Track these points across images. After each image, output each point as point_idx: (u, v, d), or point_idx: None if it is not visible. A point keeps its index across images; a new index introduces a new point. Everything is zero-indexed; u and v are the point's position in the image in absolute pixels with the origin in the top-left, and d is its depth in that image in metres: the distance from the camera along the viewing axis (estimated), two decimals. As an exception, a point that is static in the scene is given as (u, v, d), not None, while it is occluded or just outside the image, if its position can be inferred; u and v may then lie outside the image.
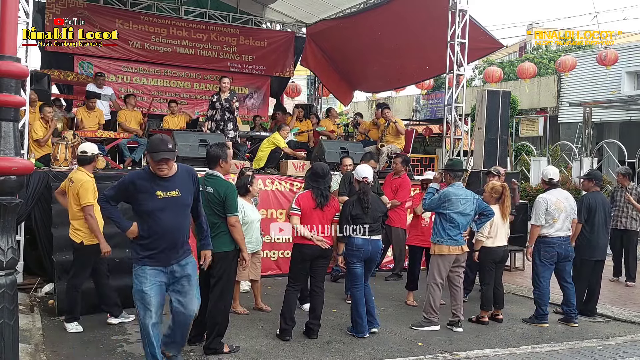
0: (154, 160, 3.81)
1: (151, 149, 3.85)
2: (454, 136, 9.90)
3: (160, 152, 3.79)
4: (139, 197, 3.86)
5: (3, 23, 3.21)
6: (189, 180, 4.00)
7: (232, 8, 13.79)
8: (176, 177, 3.93)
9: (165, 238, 3.88)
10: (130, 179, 3.90)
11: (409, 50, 11.62)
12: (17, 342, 3.33)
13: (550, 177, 6.39)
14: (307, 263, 5.37)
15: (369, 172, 5.68)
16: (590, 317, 6.56)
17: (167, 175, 3.88)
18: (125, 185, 3.91)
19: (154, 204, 3.83)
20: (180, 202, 3.92)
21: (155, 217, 3.84)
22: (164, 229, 3.86)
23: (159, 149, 3.81)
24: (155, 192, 3.82)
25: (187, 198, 3.97)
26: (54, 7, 11.54)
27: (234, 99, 9.20)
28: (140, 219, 3.91)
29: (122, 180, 3.96)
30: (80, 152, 5.63)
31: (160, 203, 3.83)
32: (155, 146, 3.84)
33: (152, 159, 3.82)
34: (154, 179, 3.86)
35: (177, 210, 3.92)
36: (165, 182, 3.87)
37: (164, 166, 3.82)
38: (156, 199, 3.82)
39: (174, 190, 3.89)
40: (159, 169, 3.82)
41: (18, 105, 3.29)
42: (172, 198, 3.87)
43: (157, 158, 3.79)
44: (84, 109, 9.74)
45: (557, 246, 6.17)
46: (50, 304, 6.13)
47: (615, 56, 15.02)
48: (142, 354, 4.81)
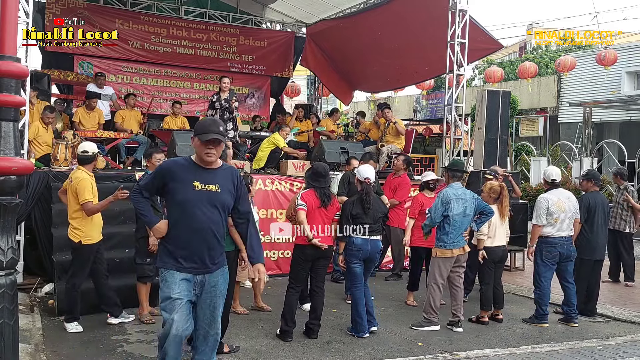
0: (202, 141, 3.39)
1: (201, 129, 3.43)
2: (454, 136, 9.90)
3: (211, 133, 3.38)
4: (174, 186, 3.43)
5: (3, 23, 3.21)
6: (230, 180, 3.56)
7: (232, 8, 13.79)
8: (218, 172, 3.52)
9: (197, 237, 3.42)
10: (168, 166, 3.53)
11: (409, 51, 11.62)
12: (17, 342, 3.33)
13: (553, 178, 6.39)
14: (308, 263, 5.38)
15: (371, 173, 5.68)
16: (590, 317, 6.56)
17: (212, 163, 3.48)
18: (163, 172, 3.50)
19: (189, 194, 3.40)
20: (218, 199, 3.47)
21: (188, 209, 3.40)
22: (196, 224, 3.41)
23: (210, 129, 3.40)
24: (192, 182, 3.40)
25: (226, 198, 3.51)
26: (54, 7, 11.54)
27: (233, 99, 9.21)
28: (171, 213, 3.51)
29: (159, 167, 3.64)
30: (81, 152, 5.63)
31: (195, 195, 3.40)
32: (205, 126, 3.44)
33: (199, 140, 3.39)
34: (194, 169, 3.46)
35: (214, 207, 3.46)
36: (205, 173, 3.46)
37: (213, 150, 3.40)
38: (192, 190, 3.39)
39: (214, 184, 3.45)
40: (207, 153, 3.39)
41: (18, 105, 3.29)
42: (209, 192, 3.43)
43: (206, 138, 3.38)
44: (82, 110, 9.73)
45: (559, 246, 6.17)
46: (50, 304, 6.13)
47: (614, 56, 15.03)
48: (142, 354, 4.83)
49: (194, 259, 3.43)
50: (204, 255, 3.44)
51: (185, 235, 3.42)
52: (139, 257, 5.71)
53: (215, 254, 3.49)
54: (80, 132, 8.66)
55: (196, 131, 3.45)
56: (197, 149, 3.44)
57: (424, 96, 24.21)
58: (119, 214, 6.92)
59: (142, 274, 5.70)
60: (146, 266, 5.68)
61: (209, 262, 3.47)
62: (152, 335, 5.34)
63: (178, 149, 7.89)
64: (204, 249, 3.44)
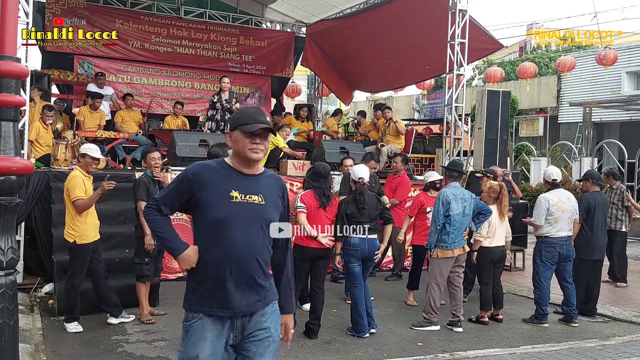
0: (247, 133, 2.55)
1: (243, 119, 2.60)
2: (454, 136, 9.90)
3: (258, 122, 2.56)
4: (204, 198, 2.56)
5: (3, 23, 3.21)
6: (276, 190, 2.72)
7: (232, 8, 13.80)
8: (262, 179, 2.68)
9: (237, 266, 2.53)
10: (195, 171, 2.61)
11: (409, 50, 11.62)
12: (17, 342, 3.33)
13: (554, 178, 6.40)
14: (307, 263, 5.38)
15: (365, 173, 5.68)
16: (590, 317, 6.56)
17: (255, 165, 2.66)
18: (189, 179, 2.60)
19: (226, 208, 2.53)
20: (263, 214, 2.61)
21: (225, 228, 2.52)
22: (236, 250, 2.52)
23: (257, 118, 2.59)
24: (229, 191, 2.55)
25: (272, 213, 2.66)
26: (54, 7, 11.54)
27: (233, 101, 9.21)
28: (201, 234, 2.59)
29: (183, 173, 2.65)
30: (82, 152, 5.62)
31: (234, 208, 2.54)
32: (249, 115, 2.62)
33: (242, 133, 2.56)
34: (231, 174, 2.61)
35: (257, 225, 2.59)
36: (245, 180, 2.61)
37: (261, 146, 2.58)
38: (230, 202, 2.54)
39: (257, 194, 2.60)
40: (253, 149, 2.56)
41: (18, 105, 3.29)
42: (251, 205, 2.58)
43: (252, 129, 2.54)
44: (86, 109, 9.73)
45: (558, 246, 6.17)
46: (50, 304, 6.13)
47: (614, 56, 15.04)
48: (142, 354, 4.83)
49: (233, 296, 2.52)
50: (245, 291, 2.56)
51: (221, 265, 2.52)
52: (138, 257, 5.71)
53: (261, 288, 2.60)
54: (81, 132, 8.66)
55: (236, 122, 2.63)
56: (237, 146, 2.60)
57: (424, 96, 24.21)
58: (119, 214, 6.92)
59: (141, 274, 5.70)
60: (144, 266, 5.67)
61: (254, 299, 2.58)
62: (152, 335, 5.35)
63: (178, 149, 7.90)
64: (247, 283, 2.56)
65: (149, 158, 5.88)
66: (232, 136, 2.62)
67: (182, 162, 7.86)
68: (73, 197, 5.32)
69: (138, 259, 5.70)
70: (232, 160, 2.65)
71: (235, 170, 2.63)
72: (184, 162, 7.86)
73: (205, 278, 2.55)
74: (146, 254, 5.65)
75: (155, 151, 6.07)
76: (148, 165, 5.87)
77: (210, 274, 2.54)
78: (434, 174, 7.04)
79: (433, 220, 5.86)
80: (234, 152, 2.64)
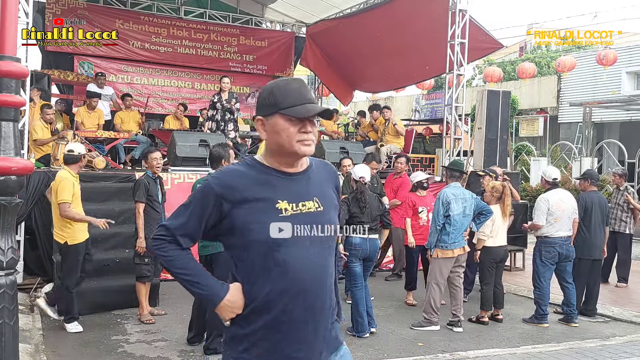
0: (294, 119, 1.85)
1: (289, 98, 1.86)
2: (454, 136, 9.90)
3: (307, 103, 1.86)
4: (243, 217, 1.85)
5: (3, 23, 3.21)
6: (329, 183, 2.04)
7: (232, 8, 13.80)
8: (310, 174, 1.97)
9: (304, 297, 1.87)
10: (222, 182, 1.88)
11: (409, 50, 11.62)
12: (17, 342, 3.33)
13: (554, 177, 6.40)
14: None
15: (365, 172, 5.69)
16: (591, 317, 6.56)
17: (301, 161, 1.95)
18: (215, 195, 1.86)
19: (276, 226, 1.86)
20: (325, 223, 1.95)
21: (279, 256, 1.84)
22: (296, 284, 1.85)
23: (306, 96, 1.88)
24: (275, 202, 1.86)
25: (334, 217, 2.00)
26: (54, 7, 11.54)
27: (232, 101, 9.21)
28: (244, 266, 1.89)
29: (204, 188, 1.90)
30: (67, 151, 5.56)
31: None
32: (295, 92, 1.87)
33: (286, 117, 1.85)
34: (271, 177, 1.90)
35: (321, 244, 1.93)
36: (293, 183, 1.92)
37: (311, 135, 1.88)
38: (279, 218, 1.86)
39: (310, 199, 1.92)
40: (303, 140, 1.86)
41: (18, 105, 3.28)
42: (308, 215, 1.90)
43: (306, 113, 1.85)
44: (84, 109, 9.73)
45: (558, 246, 6.17)
46: (50, 304, 6.13)
47: (614, 56, 15.05)
48: (142, 354, 4.83)
49: (305, 345, 1.88)
50: (319, 331, 1.91)
51: (282, 304, 1.85)
52: (138, 257, 5.70)
53: (330, 332, 1.96)
54: (81, 132, 8.66)
55: (275, 103, 1.86)
56: (277, 137, 1.87)
57: (424, 96, 24.20)
58: (119, 214, 6.92)
59: (140, 274, 5.70)
60: (144, 266, 5.67)
61: (322, 346, 1.93)
62: (152, 335, 5.35)
63: (178, 149, 7.90)
64: (319, 321, 1.91)
65: (151, 158, 5.85)
66: (268, 124, 1.88)
67: (182, 162, 7.87)
68: (60, 200, 5.21)
69: (138, 259, 5.70)
70: (266, 158, 1.93)
71: (276, 171, 1.91)
72: (184, 162, 7.87)
73: (260, 326, 1.85)
74: (146, 254, 5.65)
75: (157, 151, 6.07)
76: (149, 165, 5.85)
77: (268, 319, 1.84)
78: (420, 174, 7.04)
79: (433, 221, 5.86)
80: (273, 147, 1.91)
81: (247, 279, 1.88)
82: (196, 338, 5.04)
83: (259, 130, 1.95)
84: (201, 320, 4.96)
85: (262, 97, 1.92)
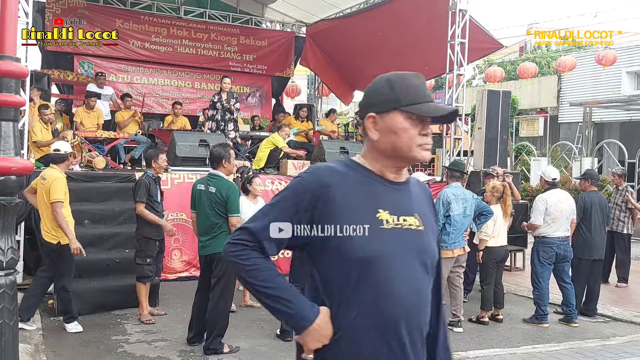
0: (415, 118, 1.63)
1: (410, 94, 1.63)
2: (454, 136, 9.90)
3: (429, 102, 1.65)
4: (337, 221, 1.61)
5: (3, 23, 3.20)
6: (428, 204, 1.82)
7: (232, 8, 13.80)
8: (412, 188, 1.76)
9: (406, 325, 1.63)
10: (320, 179, 1.64)
11: (409, 50, 11.61)
12: (17, 342, 3.33)
13: (554, 178, 6.41)
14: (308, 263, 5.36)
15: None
16: (591, 317, 6.56)
17: (401, 173, 1.72)
18: (311, 193, 1.63)
19: (377, 239, 1.61)
20: (426, 246, 1.73)
21: (376, 276, 1.60)
22: (397, 308, 1.62)
23: (427, 94, 1.67)
24: (376, 211, 1.63)
25: (434, 243, 1.79)
26: (54, 7, 11.54)
27: (232, 101, 9.21)
28: (338, 285, 1.63)
29: (297, 184, 1.67)
30: (53, 150, 5.52)
31: (388, 239, 1.62)
32: (415, 89, 1.65)
33: (406, 115, 1.62)
34: (374, 183, 1.67)
35: (419, 265, 1.69)
36: (396, 192, 1.69)
37: (430, 137, 1.67)
38: (379, 230, 1.62)
39: (411, 214, 1.69)
40: (423, 144, 1.65)
41: (18, 105, 3.28)
42: (408, 232, 1.67)
43: (428, 111, 1.64)
44: (83, 109, 9.73)
45: (555, 246, 6.17)
46: (50, 304, 6.12)
47: (614, 56, 15.06)
48: (142, 354, 4.83)
49: None
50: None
51: (367, 337, 1.60)
52: (139, 257, 5.70)
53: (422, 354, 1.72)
54: (80, 132, 8.66)
55: (395, 97, 1.62)
56: (393, 138, 1.63)
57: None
58: (119, 214, 6.93)
59: (142, 274, 5.69)
60: (146, 266, 5.67)
61: None
62: (152, 335, 5.35)
63: (178, 149, 7.90)
64: (418, 354, 1.67)
65: (161, 160, 5.83)
66: (383, 122, 1.63)
67: (182, 162, 7.87)
68: (54, 199, 5.11)
69: (140, 259, 5.69)
70: (369, 160, 1.68)
71: (380, 176, 1.67)
72: (184, 162, 7.87)
73: (350, 354, 1.59)
74: (148, 254, 5.64)
75: (164, 152, 6.07)
76: (159, 166, 5.83)
77: (363, 349, 1.58)
78: (421, 175, 7.05)
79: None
80: (385, 149, 1.64)
81: (335, 302, 1.61)
82: (196, 338, 5.04)
83: (369, 130, 1.66)
84: (201, 320, 4.96)
85: (378, 91, 1.67)
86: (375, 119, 1.66)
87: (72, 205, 5.49)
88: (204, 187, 4.93)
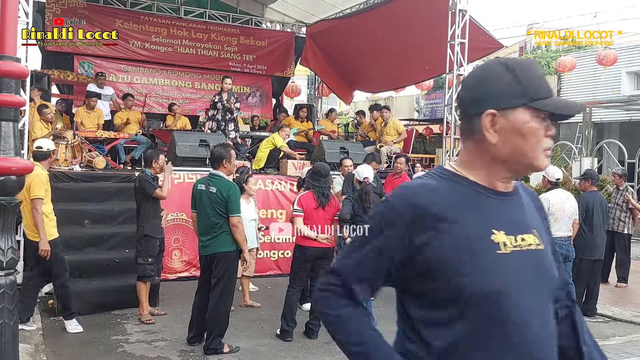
0: (543, 118, 1.31)
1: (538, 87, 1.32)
2: (454, 136, 9.89)
3: (553, 97, 1.33)
4: (442, 250, 1.27)
5: (3, 23, 3.21)
6: (539, 212, 1.53)
7: (232, 8, 13.79)
8: (522, 196, 1.45)
9: None
10: (411, 202, 1.32)
11: (409, 50, 11.61)
12: (17, 342, 3.33)
13: (557, 177, 6.41)
14: (308, 263, 5.38)
15: (369, 173, 5.69)
16: (591, 317, 6.56)
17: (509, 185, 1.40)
18: (401, 218, 1.31)
19: (495, 269, 1.28)
20: (549, 270, 1.41)
21: (503, 312, 1.26)
22: (523, 348, 1.27)
23: (550, 87, 1.35)
24: (490, 232, 1.30)
25: (552, 259, 1.47)
26: (54, 7, 11.53)
27: (232, 100, 9.21)
28: (438, 333, 1.29)
29: (387, 210, 1.35)
30: (36, 148, 5.48)
31: (508, 267, 1.29)
32: (539, 79, 1.33)
33: (535, 114, 1.30)
34: (480, 196, 1.35)
35: (544, 295, 1.35)
36: (506, 205, 1.38)
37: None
38: (496, 257, 1.29)
39: (529, 232, 1.38)
40: (547, 150, 1.34)
41: (18, 105, 3.29)
42: (529, 254, 1.35)
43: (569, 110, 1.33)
44: (83, 109, 9.73)
45: (557, 246, 6.14)
46: (50, 304, 6.12)
47: (614, 56, 15.05)
48: (142, 354, 4.83)
49: None
50: None
51: None
52: (141, 257, 5.70)
53: None
54: (81, 132, 8.66)
55: (527, 92, 1.30)
56: (524, 141, 1.32)
57: (423, 96, 24.19)
58: (119, 214, 6.93)
59: (143, 274, 5.70)
60: (147, 266, 5.68)
61: None
62: (152, 335, 5.35)
63: (178, 149, 7.89)
64: None
65: (161, 160, 5.85)
66: (507, 120, 1.31)
67: (182, 162, 7.87)
68: (34, 195, 5.06)
69: (141, 259, 5.69)
70: (474, 169, 1.37)
71: (485, 188, 1.36)
72: (184, 162, 7.87)
73: None
74: (149, 254, 5.64)
75: (164, 153, 6.08)
76: (159, 166, 5.84)
77: None
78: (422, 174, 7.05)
79: None
80: (504, 153, 1.33)
81: (447, 351, 1.26)
82: (196, 338, 5.04)
83: (486, 130, 1.32)
84: (201, 320, 4.96)
85: (497, 81, 1.31)
86: (494, 116, 1.31)
87: (72, 205, 5.51)
88: (205, 187, 4.93)
